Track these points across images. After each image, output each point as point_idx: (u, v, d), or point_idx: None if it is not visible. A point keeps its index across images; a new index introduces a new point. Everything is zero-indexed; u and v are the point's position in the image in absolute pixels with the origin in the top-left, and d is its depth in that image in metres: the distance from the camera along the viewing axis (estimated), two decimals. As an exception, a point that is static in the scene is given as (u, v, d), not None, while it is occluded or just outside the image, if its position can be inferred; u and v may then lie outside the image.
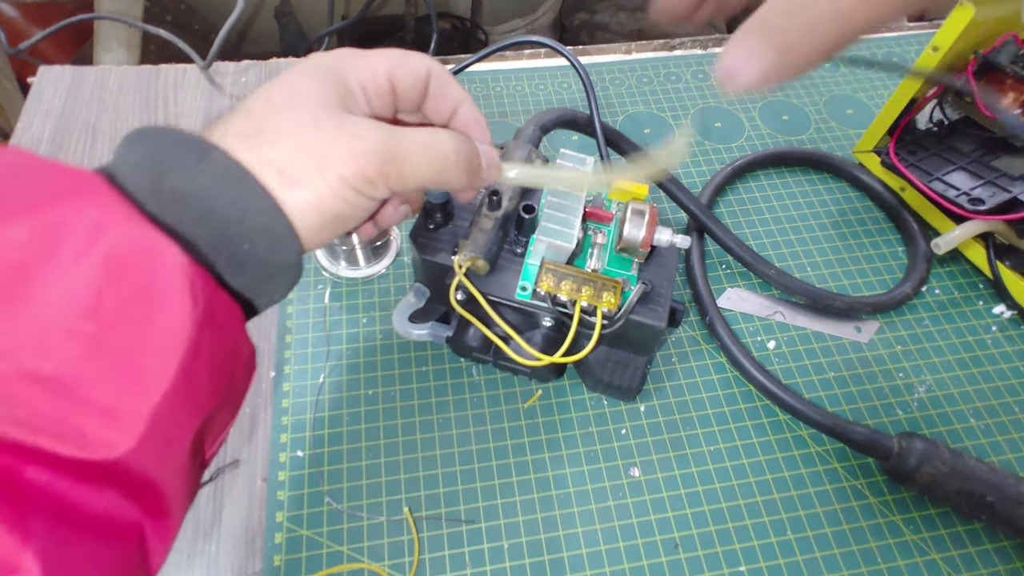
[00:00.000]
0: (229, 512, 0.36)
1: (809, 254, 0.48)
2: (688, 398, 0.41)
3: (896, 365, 0.43)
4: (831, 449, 0.39)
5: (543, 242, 0.35)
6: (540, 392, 0.41)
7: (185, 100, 0.54)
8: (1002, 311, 0.45)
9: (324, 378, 0.40)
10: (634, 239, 0.34)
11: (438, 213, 0.36)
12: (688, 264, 0.46)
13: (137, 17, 0.71)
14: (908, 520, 0.37)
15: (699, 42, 0.63)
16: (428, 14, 0.65)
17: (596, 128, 0.45)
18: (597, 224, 0.38)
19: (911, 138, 0.49)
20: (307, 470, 0.37)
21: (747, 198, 0.51)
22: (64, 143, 0.51)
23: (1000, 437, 0.40)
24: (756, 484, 0.38)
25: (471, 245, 0.34)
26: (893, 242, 0.49)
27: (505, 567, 0.35)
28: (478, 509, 0.36)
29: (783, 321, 0.44)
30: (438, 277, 0.37)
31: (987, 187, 0.44)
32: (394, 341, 0.42)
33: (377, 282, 0.45)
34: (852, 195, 0.52)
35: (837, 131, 0.56)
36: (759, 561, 0.35)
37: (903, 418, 0.41)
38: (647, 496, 0.37)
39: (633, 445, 0.39)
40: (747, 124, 0.56)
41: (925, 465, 0.35)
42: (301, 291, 0.44)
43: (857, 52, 0.62)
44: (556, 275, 0.34)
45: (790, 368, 0.42)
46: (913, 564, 0.36)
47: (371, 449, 0.38)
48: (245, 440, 0.38)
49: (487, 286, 0.35)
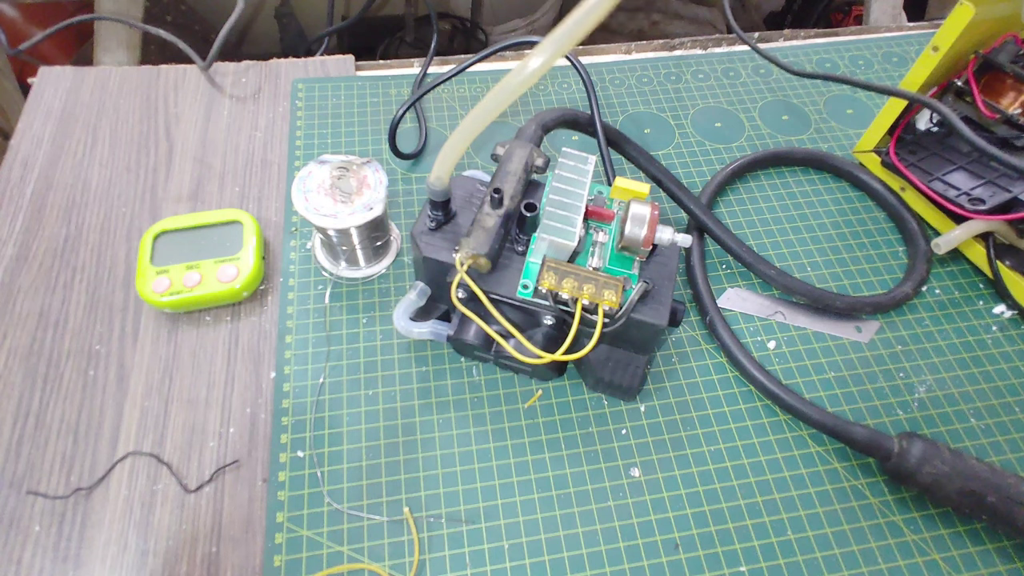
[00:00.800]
0: (229, 512, 0.36)
1: (809, 254, 0.48)
2: (688, 398, 0.41)
3: (896, 365, 0.43)
4: (831, 449, 0.39)
5: (545, 240, 0.35)
6: (540, 392, 0.41)
7: (185, 100, 0.54)
8: (1002, 311, 0.45)
9: (324, 378, 0.40)
10: (636, 238, 0.34)
11: (439, 211, 0.36)
12: (688, 264, 0.46)
13: (137, 18, 0.71)
14: (909, 520, 0.37)
15: (699, 42, 0.63)
16: (428, 14, 0.65)
17: (597, 128, 0.45)
18: (598, 223, 0.38)
19: (911, 138, 0.49)
20: (307, 470, 0.37)
21: (747, 198, 0.51)
22: (65, 144, 0.51)
23: (1000, 437, 0.40)
24: (756, 484, 0.38)
25: (473, 243, 0.34)
26: (893, 242, 0.49)
27: (505, 567, 0.35)
28: (478, 509, 0.36)
29: (783, 321, 0.44)
30: (439, 275, 0.37)
31: (987, 187, 0.44)
32: (394, 341, 0.42)
33: (377, 282, 0.45)
34: (852, 195, 0.52)
35: (837, 131, 0.56)
36: (759, 561, 0.35)
37: (903, 418, 0.41)
38: (647, 496, 0.37)
39: (633, 445, 0.39)
40: (747, 124, 0.56)
41: (926, 465, 0.35)
42: (301, 291, 0.44)
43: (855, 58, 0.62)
44: (558, 273, 0.34)
45: (790, 368, 0.42)
46: (914, 564, 0.36)
47: (371, 449, 0.38)
48: (245, 440, 0.38)
49: (488, 284, 0.35)
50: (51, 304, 0.43)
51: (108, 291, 0.43)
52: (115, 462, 0.37)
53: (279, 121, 0.54)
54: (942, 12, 1.30)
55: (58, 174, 0.49)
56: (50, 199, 0.48)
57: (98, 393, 0.39)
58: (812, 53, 0.62)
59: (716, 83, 0.59)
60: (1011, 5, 0.44)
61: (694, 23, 1.34)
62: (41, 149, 0.51)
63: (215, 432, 0.38)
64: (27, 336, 0.41)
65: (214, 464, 0.37)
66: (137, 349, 0.41)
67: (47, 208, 0.47)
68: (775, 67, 0.60)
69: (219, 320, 0.42)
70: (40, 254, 0.45)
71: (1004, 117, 0.44)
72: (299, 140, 0.52)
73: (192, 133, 0.52)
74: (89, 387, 0.39)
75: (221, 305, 0.43)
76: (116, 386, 0.40)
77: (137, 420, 0.38)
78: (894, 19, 1.08)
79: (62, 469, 0.37)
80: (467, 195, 0.38)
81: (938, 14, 1.31)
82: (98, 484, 0.36)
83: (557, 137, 0.54)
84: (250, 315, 0.43)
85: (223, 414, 0.39)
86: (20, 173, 0.49)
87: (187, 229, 0.44)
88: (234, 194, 0.49)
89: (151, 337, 0.42)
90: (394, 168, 0.51)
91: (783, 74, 0.60)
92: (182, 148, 0.51)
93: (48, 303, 0.43)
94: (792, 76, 0.60)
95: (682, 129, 0.55)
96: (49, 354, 0.41)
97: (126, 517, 0.35)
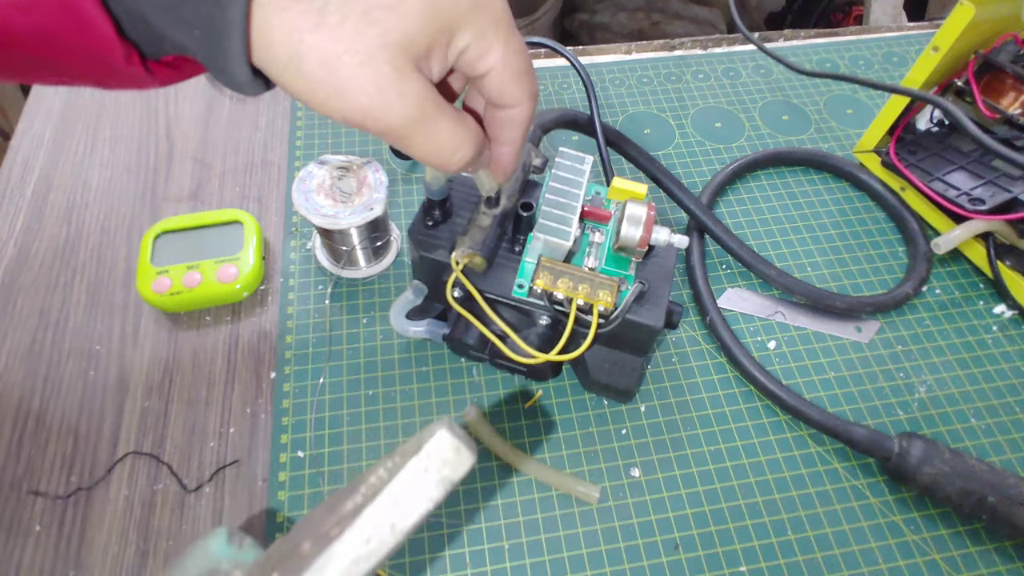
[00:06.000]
0: (229, 513, 0.36)
1: (809, 254, 0.48)
2: (688, 398, 0.41)
3: (896, 365, 0.43)
4: (832, 449, 0.39)
5: (540, 240, 0.35)
6: (540, 392, 0.41)
7: (185, 100, 0.54)
8: (1002, 311, 0.45)
9: (324, 378, 0.40)
10: (631, 238, 0.34)
11: (436, 210, 0.36)
12: (688, 264, 0.46)
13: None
14: (909, 520, 0.37)
15: (699, 42, 0.63)
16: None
17: (596, 128, 0.45)
18: (595, 223, 0.38)
19: (911, 138, 0.49)
20: (307, 470, 0.37)
21: (747, 198, 0.51)
22: (65, 144, 0.51)
23: (1001, 437, 0.40)
24: (756, 484, 0.38)
25: (468, 242, 0.34)
26: (893, 242, 0.49)
27: (505, 567, 0.35)
28: (478, 509, 0.36)
29: (783, 321, 0.44)
30: (436, 274, 0.37)
31: (987, 187, 0.44)
32: (394, 341, 0.42)
33: (377, 282, 0.45)
34: (852, 195, 0.52)
35: (837, 131, 0.56)
36: (760, 561, 0.35)
37: (904, 418, 0.41)
38: (647, 496, 0.37)
39: (633, 445, 0.39)
40: (747, 124, 0.56)
41: (926, 465, 0.35)
42: (301, 291, 0.44)
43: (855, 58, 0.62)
44: (553, 273, 0.34)
45: (790, 368, 0.42)
46: (914, 564, 0.36)
47: (371, 449, 0.38)
48: (245, 440, 0.38)
49: (484, 283, 0.35)
50: (51, 304, 0.43)
51: (108, 291, 0.43)
52: (115, 462, 0.37)
53: (279, 121, 0.54)
54: (942, 12, 1.30)
55: (58, 174, 0.49)
56: (50, 199, 0.48)
57: (98, 393, 0.39)
58: (812, 53, 0.62)
59: (716, 83, 0.59)
60: (1011, 5, 0.44)
61: (694, 23, 1.34)
62: (41, 149, 0.51)
63: (215, 432, 0.38)
64: (27, 336, 0.41)
65: (214, 464, 0.37)
66: (137, 349, 0.41)
67: (47, 208, 0.47)
68: (775, 67, 0.60)
69: (219, 320, 0.42)
70: (40, 254, 0.45)
71: (1004, 117, 0.44)
72: (299, 140, 0.52)
73: (192, 133, 0.52)
74: (89, 387, 0.39)
75: (221, 305, 0.43)
76: (116, 386, 0.40)
77: (137, 420, 0.38)
78: (894, 19, 1.08)
79: (62, 469, 0.37)
80: (465, 195, 0.38)
81: (938, 14, 1.31)
82: (98, 484, 0.36)
83: (556, 137, 0.54)
84: (250, 315, 0.43)
85: (223, 414, 0.39)
86: (20, 173, 0.49)
87: (187, 229, 0.44)
88: (234, 194, 0.49)
89: (151, 337, 0.42)
90: (394, 168, 0.51)
91: (783, 74, 0.60)
92: (182, 148, 0.51)
93: (48, 303, 0.43)
94: (792, 76, 0.60)
95: (682, 129, 0.55)
96: (49, 354, 0.41)
97: (126, 517, 0.35)
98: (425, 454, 0.20)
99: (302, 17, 0.20)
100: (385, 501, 0.20)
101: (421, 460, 0.20)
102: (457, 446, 0.20)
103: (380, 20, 0.21)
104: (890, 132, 0.49)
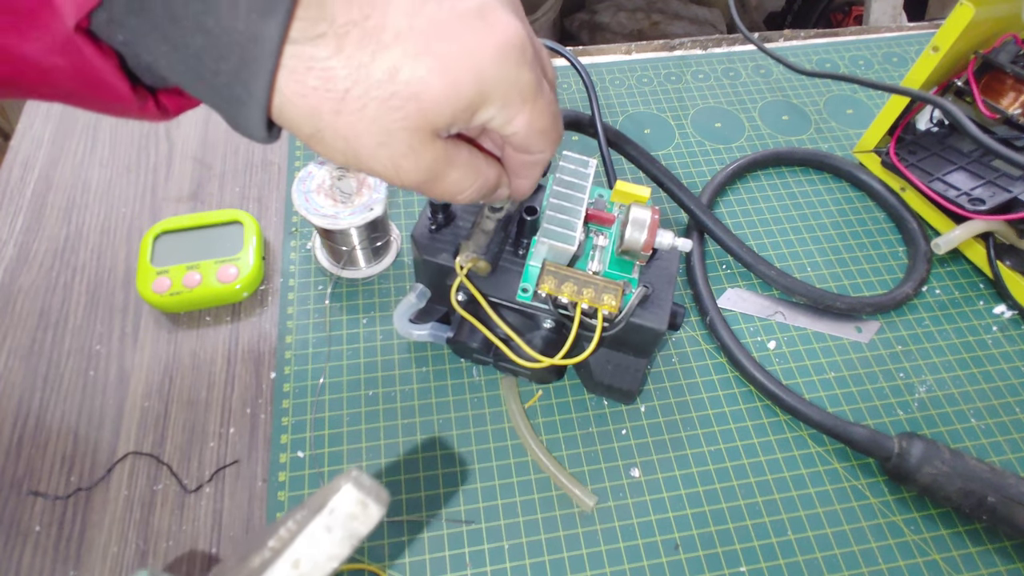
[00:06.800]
0: (229, 513, 0.36)
1: (809, 254, 0.48)
2: (688, 398, 0.41)
3: (896, 365, 0.43)
4: (831, 449, 0.39)
5: (544, 244, 0.35)
6: (540, 393, 0.41)
7: (185, 100, 0.54)
8: (1002, 311, 0.45)
9: (324, 378, 0.40)
10: (635, 242, 0.34)
11: (440, 214, 0.36)
12: (688, 264, 0.46)
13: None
14: (909, 520, 0.37)
15: (699, 42, 0.63)
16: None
17: (598, 128, 0.45)
18: (599, 226, 0.38)
19: (911, 138, 0.49)
20: (307, 471, 0.37)
21: (747, 198, 0.51)
22: (65, 144, 0.51)
23: (1000, 437, 0.40)
24: (757, 484, 0.38)
25: (472, 246, 0.34)
26: (893, 242, 0.49)
27: (505, 567, 0.35)
28: (478, 509, 0.36)
29: (783, 321, 0.44)
30: (439, 278, 0.37)
31: (987, 187, 0.44)
32: (394, 341, 0.42)
33: (377, 282, 0.45)
34: (852, 195, 0.52)
35: (837, 131, 0.56)
36: (760, 561, 0.35)
37: (903, 418, 0.41)
38: (647, 496, 0.37)
39: (633, 445, 0.39)
40: (747, 124, 0.56)
41: (926, 465, 0.35)
42: (301, 291, 0.44)
43: (855, 58, 0.62)
44: (557, 277, 0.34)
45: (790, 368, 0.42)
46: (914, 564, 0.36)
47: (371, 449, 0.38)
48: (245, 440, 0.38)
49: (488, 287, 0.35)
50: (51, 304, 0.43)
51: (108, 291, 0.43)
52: (115, 462, 0.37)
53: (279, 121, 0.53)
54: (942, 12, 1.30)
55: (58, 174, 0.49)
56: (50, 199, 0.48)
57: (98, 393, 0.39)
58: (812, 53, 0.62)
59: (716, 83, 0.59)
60: (1011, 5, 0.44)
61: (694, 23, 1.34)
62: (41, 149, 0.51)
63: (215, 432, 0.38)
64: (27, 336, 0.41)
65: (214, 464, 0.37)
66: (137, 349, 0.41)
67: (47, 208, 0.47)
68: (775, 67, 0.60)
69: (219, 320, 0.42)
70: (40, 254, 0.45)
71: (1004, 117, 0.44)
72: (299, 140, 0.52)
73: (192, 133, 0.52)
74: (89, 387, 0.39)
75: (221, 305, 0.43)
76: (116, 386, 0.40)
77: (137, 420, 0.38)
78: (894, 19, 1.08)
79: (62, 469, 0.37)
80: (467, 196, 0.38)
81: (938, 14, 1.31)
82: (98, 484, 0.36)
83: (557, 137, 0.54)
84: (250, 315, 0.43)
85: (223, 414, 0.39)
86: (20, 173, 0.49)
87: (187, 229, 0.44)
88: (234, 194, 0.49)
89: (151, 337, 0.42)
90: (394, 168, 0.51)
91: (783, 74, 0.60)
92: (182, 148, 0.51)
93: (48, 303, 0.43)
94: (792, 76, 0.60)
95: (682, 129, 0.55)
96: (49, 354, 0.41)
97: (126, 517, 0.35)
98: (328, 510, 0.20)
99: (324, 102, 0.20)
100: (284, 565, 0.19)
101: (324, 518, 0.19)
102: (363, 500, 0.20)
103: (400, 108, 0.21)
104: (890, 132, 0.49)
